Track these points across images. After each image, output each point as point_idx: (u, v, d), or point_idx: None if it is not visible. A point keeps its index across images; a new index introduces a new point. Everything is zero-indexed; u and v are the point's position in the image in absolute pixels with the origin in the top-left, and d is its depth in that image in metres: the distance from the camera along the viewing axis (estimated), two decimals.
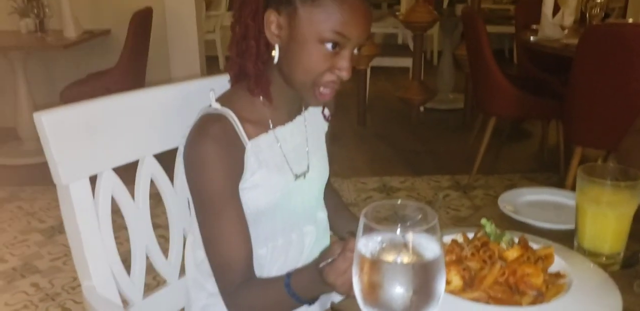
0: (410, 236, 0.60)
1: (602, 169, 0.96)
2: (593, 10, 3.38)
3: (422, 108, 4.77)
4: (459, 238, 0.94)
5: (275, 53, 1.04)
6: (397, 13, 5.02)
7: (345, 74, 1.01)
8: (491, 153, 3.80)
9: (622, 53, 2.51)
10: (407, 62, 4.79)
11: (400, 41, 6.91)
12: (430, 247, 0.60)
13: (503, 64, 4.73)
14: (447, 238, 0.94)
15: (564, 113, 2.91)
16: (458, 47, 4.53)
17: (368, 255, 0.61)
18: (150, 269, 1.21)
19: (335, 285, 0.85)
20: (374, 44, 4.51)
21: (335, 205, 1.35)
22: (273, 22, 1.01)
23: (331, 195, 1.34)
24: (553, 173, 3.55)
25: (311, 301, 0.98)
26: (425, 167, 3.71)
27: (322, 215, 1.27)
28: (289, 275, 0.97)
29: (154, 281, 1.23)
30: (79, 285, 1.10)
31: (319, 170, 1.22)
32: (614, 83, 2.58)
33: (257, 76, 1.07)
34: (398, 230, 0.60)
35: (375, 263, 0.60)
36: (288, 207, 1.15)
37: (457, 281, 0.83)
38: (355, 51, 1.02)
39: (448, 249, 0.89)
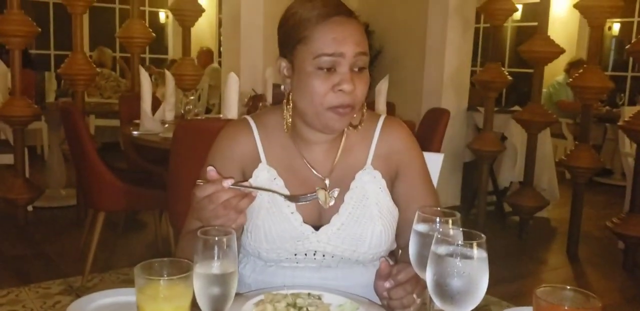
0: None
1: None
2: (187, 107, 3.69)
3: (30, 208, 4.39)
4: None
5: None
6: None
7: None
8: (107, 249, 3.68)
9: (209, 144, 2.74)
10: (11, 158, 4.41)
11: (3, 136, 6.36)
12: None
13: (117, 157, 4.76)
14: None
15: (168, 202, 3.01)
16: (65, 141, 4.37)
17: None
18: None
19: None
20: None
21: None
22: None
23: None
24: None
25: None
26: (35, 273, 3.35)
27: None
28: None
29: None
30: None
31: None
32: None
33: None
34: None
35: None
36: None
37: None
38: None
39: None
